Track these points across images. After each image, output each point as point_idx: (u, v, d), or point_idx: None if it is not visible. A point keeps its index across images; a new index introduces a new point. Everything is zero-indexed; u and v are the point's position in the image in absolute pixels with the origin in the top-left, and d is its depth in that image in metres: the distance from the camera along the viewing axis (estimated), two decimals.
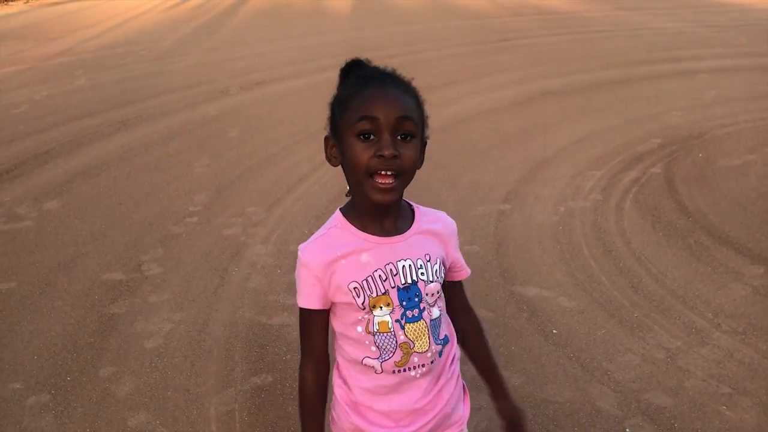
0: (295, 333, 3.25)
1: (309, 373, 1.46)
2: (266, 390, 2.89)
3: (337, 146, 1.39)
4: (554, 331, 3.24)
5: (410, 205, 1.49)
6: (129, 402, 2.86)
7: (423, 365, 1.43)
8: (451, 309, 1.55)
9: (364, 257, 1.38)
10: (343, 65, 1.40)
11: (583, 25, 11.62)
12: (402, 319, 1.39)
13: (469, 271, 1.57)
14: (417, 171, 1.38)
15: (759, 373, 2.89)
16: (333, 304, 1.42)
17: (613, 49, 9.47)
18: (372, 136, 1.30)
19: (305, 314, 1.44)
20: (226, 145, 6.04)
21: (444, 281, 1.50)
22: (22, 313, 3.55)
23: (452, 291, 1.56)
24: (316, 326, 1.44)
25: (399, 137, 1.31)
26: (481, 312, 3.39)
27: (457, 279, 1.56)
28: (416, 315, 1.40)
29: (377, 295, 1.38)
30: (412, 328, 1.40)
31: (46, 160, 5.82)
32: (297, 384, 1.51)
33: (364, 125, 1.30)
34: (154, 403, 2.85)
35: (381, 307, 1.38)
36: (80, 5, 18.73)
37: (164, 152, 5.94)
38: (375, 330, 1.39)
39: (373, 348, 1.40)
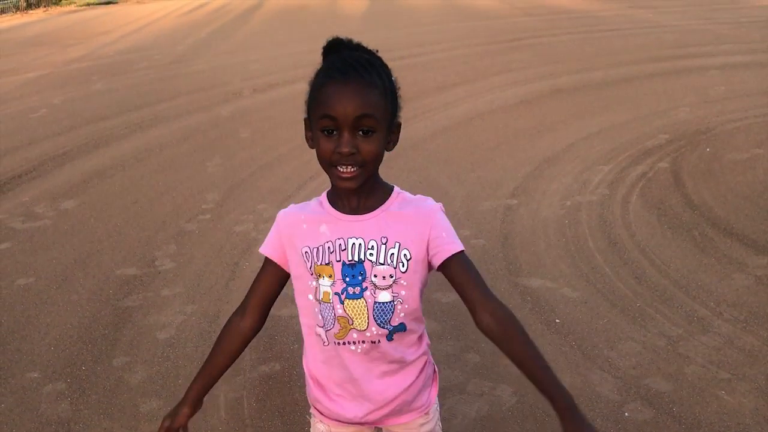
0: None
1: (232, 318, 1.60)
2: (274, 378, 2.97)
3: (310, 128, 1.46)
4: (557, 320, 3.29)
5: (392, 189, 1.50)
6: (141, 389, 2.95)
7: (363, 342, 1.46)
8: (466, 303, 1.43)
9: (323, 228, 1.47)
10: (324, 44, 1.45)
11: (594, 24, 11.62)
12: (342, 293, 1.44)
13: (458, 246, 1.43)
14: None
15: (759, 360, 2.92)
16: (291, 270, 1.52)
17: (624, 47, 9.48)
18: (334, 131, 1.37)
19: (263, 264, 1.56)
20: (238, 145, 6.15)
21: (447, 275, 1.44)
22: (40, 307, 3.66)
23: (456, 280, 1.43)
24: (262, 276, 1.56)
25: (360, 132, 1.36)
26: None
27: (445, 257, 1.42)
28: (357, 293, 1.44)
29: (321, 264, 1.45)
30: (352, 304, 1.44)
31: (63, 162, 5.96)
32: (303, 371, 1.60)
33: (326, 122, 1.36)
34: (166, 390, 2.94)
35: (324, 277, 1.45)
36: (98, 12, 19.02)
37: (178, 152, 6.06)
38: (320, 298, 1.47)
39: (320, 317, 1.48)
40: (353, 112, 1.34)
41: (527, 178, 5.05)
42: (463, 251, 1.44)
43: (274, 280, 1.55)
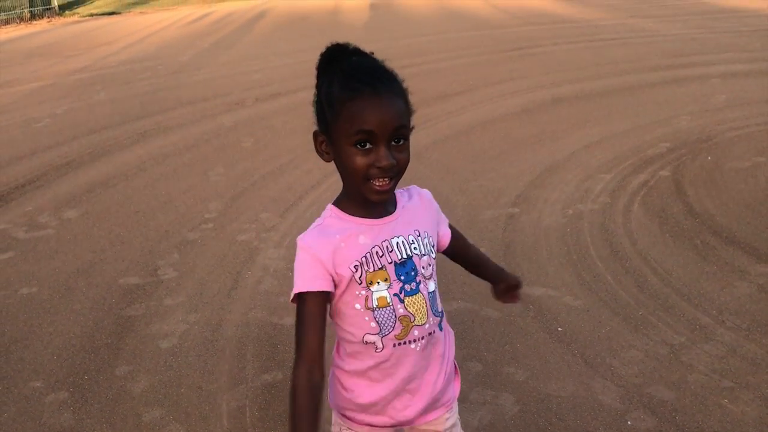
0: None
1: (302, 375, 1.39)
2: (276, 386, 2.97)
3: (328, 143, 1.43)
4: (559, 328, 3.29)
5: None
6: (144, 398, 2.95)
7: (422, 338, 1.50)
8: (465, 257, 1.79)
9: (361, 239, 1.45)
10: (324, 51, 1.41)
11: (596, 33, 11.66)
12: (401, 293, 1.46)
13: (447, 220, 1.69)
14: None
15: (762, 368, 2.92)
16: (333, 296, 1.46)
17: (626, 56, 9.51)
18: (368, 144, 1.35)
19: (301, 303, 1.43)
20: (240, 155, 6.17)
21: (449, 249, 1.66)
22: (43, 316, 3.67)
23: (458, 248, 1.73)
24: (311, 316, 1.41)
25: (393, 142, 1.37)
26: (488, 311, 3.46)
27: (449, 237, 1.66)
28: (414, 288, 1.47)
29: (374, 270, 1.44)
30: (412, 301, 1.46)
31: (66, 171, 5.98)
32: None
33: (361, 137, 1.34)
34: (168, 399, 2.94)
35: (378, 282, 1.44)
36: (101, 23, 19.11)
37: (181, 162, 6.08)
38: (374, 306, 1.45)
39: (373, 324, 1.45)
40: (391, 125, 1.35)
41: (529, 186, 5.06)
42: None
43: (322, 317, 1.43)
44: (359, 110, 1.33)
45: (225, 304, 3.67)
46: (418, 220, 1.53)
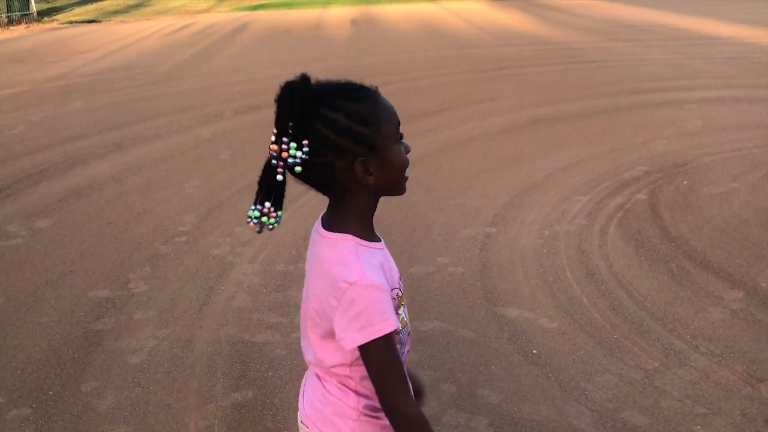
0: (278, 350, 3.29)
1: (421, 413, 1.36)
2: (246, 406, 2.91)
3: (372, 161, 1.34)
4: (534, 351, 3.27)
5: None
6: (110, 416, 2.87)
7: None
8: None
9: (386, 265, 1.40)
10: (288, 90, 1.28)
11: (575, 56, 11.77)
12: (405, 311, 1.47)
13: None
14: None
15: (734, 394, 2.92)
16: None
17: (604, 79, 9.60)
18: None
19: (388, 342, 1.32)
20: (217, 167, 6.11)
21: None
22: (8, 329, 3.57)
23: None
24: (396, 349, 1.35)
25: None
26: (463, 332, 3.43)
27: None
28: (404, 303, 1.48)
29: (401, 295, 1.44)
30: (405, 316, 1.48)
31: (39, 180, 5.87)
32: (278, 402, 1.48)
33: (399, 128, 1.40)
34: (135, 417, 2.86)
35: (403, 305, 1.44)
36: (80, 30, 18.95)
37: (156, 173, 6.00)
38: (400, 328, 1.39)
39: (398, 345, 1.40)
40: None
41: (506, 206, 5.06)
42: None
43: None
44: (387, 109, 1.37)
45: (196, 320, 3.61)
46: None
